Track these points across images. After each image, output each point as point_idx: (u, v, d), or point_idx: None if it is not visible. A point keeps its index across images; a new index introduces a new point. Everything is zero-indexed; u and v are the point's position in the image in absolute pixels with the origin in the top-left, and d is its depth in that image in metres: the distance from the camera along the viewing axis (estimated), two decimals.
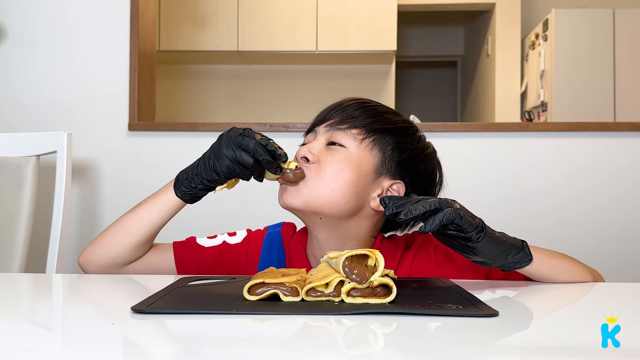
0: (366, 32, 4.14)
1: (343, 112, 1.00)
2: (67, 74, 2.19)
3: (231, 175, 0.89)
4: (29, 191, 1.44)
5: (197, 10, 4.27)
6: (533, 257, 0.86)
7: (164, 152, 2.17)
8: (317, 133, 1.01)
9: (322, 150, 0.97)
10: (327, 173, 0.95)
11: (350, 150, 0.97)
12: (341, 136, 0.98)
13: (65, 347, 0.57)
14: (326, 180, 0.95)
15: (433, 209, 0.77)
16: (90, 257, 0.99)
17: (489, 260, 0.83)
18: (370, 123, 0.99)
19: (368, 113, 1.00)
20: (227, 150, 0.87)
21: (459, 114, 6.27)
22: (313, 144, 0.99)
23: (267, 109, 4.60)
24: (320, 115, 1.04)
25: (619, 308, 0.76)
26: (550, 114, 4.24)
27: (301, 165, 0.95)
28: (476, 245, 0.80)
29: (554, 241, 2.08)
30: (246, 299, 0.71)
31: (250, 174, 0.89)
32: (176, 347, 0.56)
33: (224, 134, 0.89)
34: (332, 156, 0.96)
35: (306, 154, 0.96)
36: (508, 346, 0.59)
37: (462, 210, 0.79)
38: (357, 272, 0.71)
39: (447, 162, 1.13)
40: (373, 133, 0.99)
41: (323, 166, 0.96)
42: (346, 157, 0.96)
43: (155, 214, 0.95)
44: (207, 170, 0.89)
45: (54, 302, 0.84)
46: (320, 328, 0.63)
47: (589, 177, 2.09)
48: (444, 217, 0.77)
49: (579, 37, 4.23)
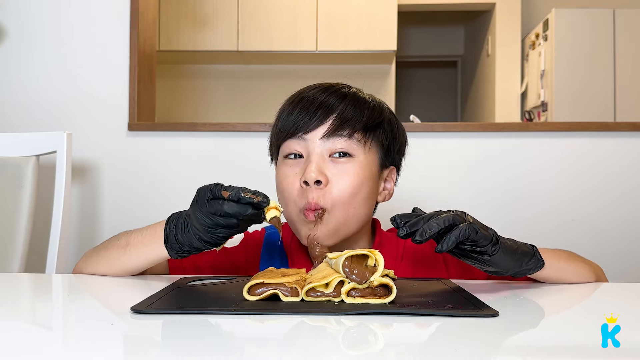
0: (366, 32, 4.14)
1: (334, 113, 0.93)
2: (67, 73, 2.19)
3: (224, 239, 0.81)
4: (29, 191, 1.44)
5: (197, 10, 4.27)
6: (544, 263, 0.84)
7: (164, 152, 2.17)
8: (309, 142, 0.92)
9: (327, 166, 0.91)
10: (346, 196, 0.91)
11: (359, 158, 0.93)
12: (346, 145, 0.92)
13: (65, 347, 0.57)
14: (346, 203, 0.91)
15: (447, 225, 0.74)
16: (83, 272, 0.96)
17: (503, 270, 0.81)
18: (366, 121, 0.94)
19: (358, 108, 0.94)
20: (206, 219, 0.77)
21: (459, 114, 6.26)
22: (317, 161, 0.91)
23: (267, 109, 4.57)
24: (298, 119, 0.93)
25: (619, 308, 0.76)
26: (551, 114, 4.24)
27: (311, 194, 0.89)
28: (491, 258, 0.78)
29: (554, 241, 2.08)
30: (246, 299, 0.71)
31: (244, 228, 0.80)
32: (176, 347, 0.56)
33: (193, 202, 0.79)
34: (347, 174, 0.91)
35: (318, 177, 0.89)
36: (508, 346, 0.59)
37: (476, 223, 0.76)
38: (357, 273, 0.71)
39: (447, 162, 1.13)
40: (371, 131, 0.95)
41: (340, 188, 0.90)
42: (359, 169, 0.92)
43: (145, 260, 0.89)
44: (196, 240, 0.80)
45: (54, 302, 0.84)
46: (320, 328, 0.63)
47: (590, 177, 2.09)
48: (460, 233, 0.74)
49: (579, 37, 4.23)
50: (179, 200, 2.14)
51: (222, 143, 2.16)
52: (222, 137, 2.16)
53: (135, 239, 0.89)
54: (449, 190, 2.08)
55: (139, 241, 0.88)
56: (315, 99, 0.95)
